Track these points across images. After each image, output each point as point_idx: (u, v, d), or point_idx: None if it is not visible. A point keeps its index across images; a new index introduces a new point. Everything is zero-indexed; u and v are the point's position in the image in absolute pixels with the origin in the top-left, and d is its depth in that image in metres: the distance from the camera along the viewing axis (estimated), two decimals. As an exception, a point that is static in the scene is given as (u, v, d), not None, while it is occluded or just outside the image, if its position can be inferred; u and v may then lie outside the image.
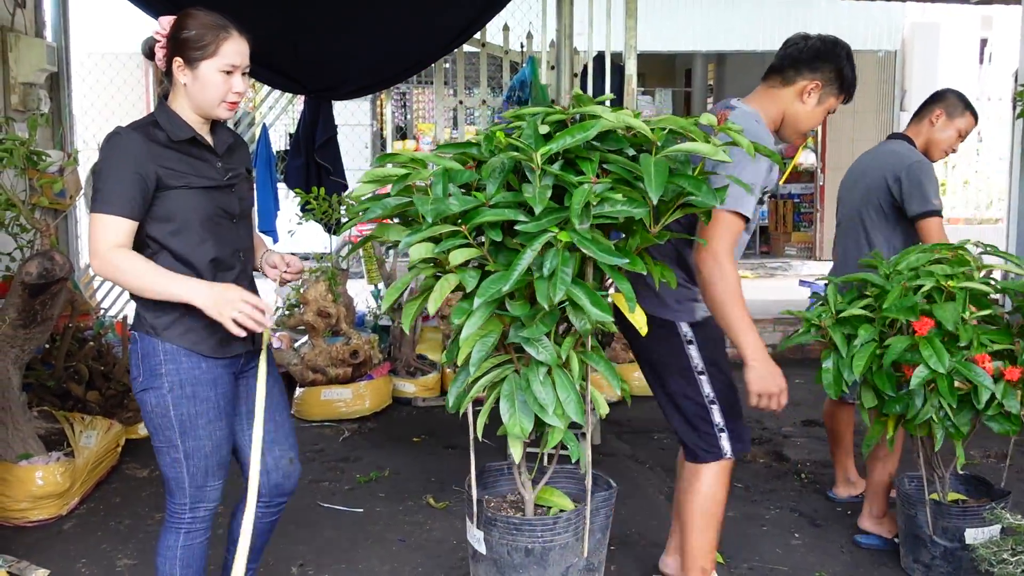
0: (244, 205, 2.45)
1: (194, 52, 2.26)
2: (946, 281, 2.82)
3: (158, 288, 2.22)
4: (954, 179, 11.72)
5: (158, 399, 2.32)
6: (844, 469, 3.97)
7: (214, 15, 2.30)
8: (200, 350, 2.33)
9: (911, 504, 3.19)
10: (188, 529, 2.42)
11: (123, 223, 2.22)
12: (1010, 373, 2.72)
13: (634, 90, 5.64)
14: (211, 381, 2.35)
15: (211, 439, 2.37)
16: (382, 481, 4.13)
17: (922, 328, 2.73)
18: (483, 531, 2.45)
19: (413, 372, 5.52)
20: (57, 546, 3.46)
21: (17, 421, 3.80)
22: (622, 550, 3.39)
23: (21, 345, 3.85)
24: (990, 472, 3.91)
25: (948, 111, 3.64)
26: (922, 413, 2.78)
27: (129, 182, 2.21)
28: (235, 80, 2.31)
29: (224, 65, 2.28)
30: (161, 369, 2.31)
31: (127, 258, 2.22)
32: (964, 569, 3.04)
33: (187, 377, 2.32)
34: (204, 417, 2.35)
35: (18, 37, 5.14)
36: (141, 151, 2.23)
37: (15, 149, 3.80)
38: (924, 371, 2.70)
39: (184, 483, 2.38)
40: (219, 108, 2.32)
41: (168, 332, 2.31)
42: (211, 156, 2.37)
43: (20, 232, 4.28)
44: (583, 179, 2.13)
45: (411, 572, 3.27)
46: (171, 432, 2.33)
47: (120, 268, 2.21)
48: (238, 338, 2.33)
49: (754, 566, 3.33)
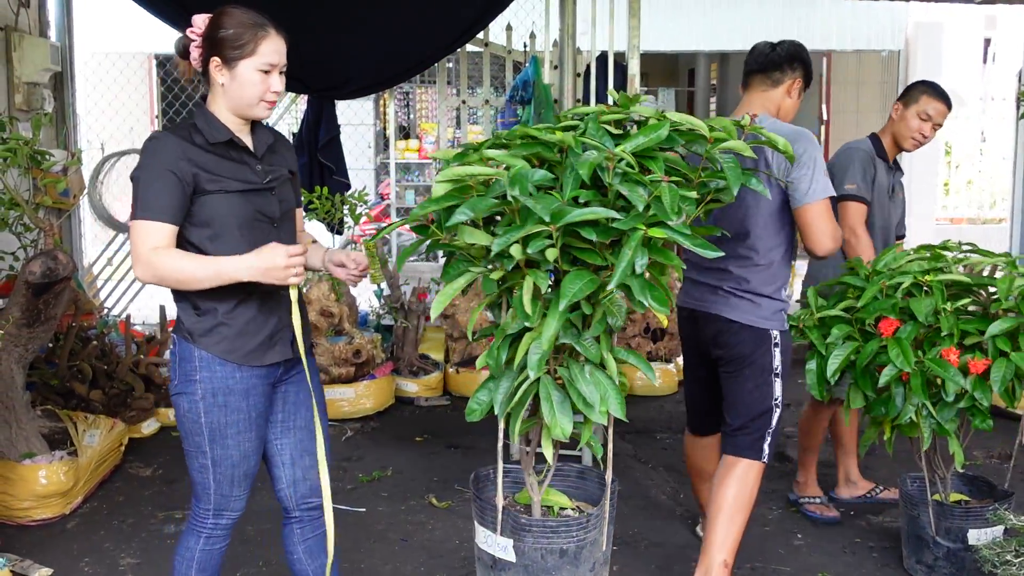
0: (284, 207, 2.39)
1: (232, 51, 2.23)
2: (923, 277, 2.87)
3: (202, 275, 2.18)
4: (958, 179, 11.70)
5: (190, 404, 2.30)
6: (845, 470, 3.97)
7: (251, 13, 2.27)
8: (233, 359, 2.29)
9: (914, 505, 3.19)
10: (209, 535, 2.41)
11: (163, 228, 2.19)
12: (974, 366, 2.76)
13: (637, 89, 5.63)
14: (244, 391, 2.32)
15: (239, 449, 2.34)
16: (384, 481, 4.13)
17: (888, 329, 2.80)
18: (512, 538, 2.39)
19: (416, 372, 5.52)
20: (60, 545, 3.47)
21: (20, 420, 3.81)
22: (624, 550, 3.39)
23: (25, 344, 3.86)
24: (993, 473, 3.91)
25: (905, 100, 3.72)
26: (903, 412, 2.83)
27: (167, 187, 2.18)
28: (273, 79, 2.27)
29: (262, 64, 2.24)
30: (196, 375, 2.29)
31: (168, 257, 2.19)
32: (967, 570, 3.04)
33: (220, 386, 2.29)
34: (234, 427, 2.32)
35: (22, 36, 5.15)
36: (178, 154, 2.20)
37: (19, 148, 3.81)
38: (892, 370, 2.77)
39: (210, 489, 2.36)
40: (257, 108, 2.29)
41: (203, 339, 2.28)
42: (250, 158, 2.33)
43: (24, 231, 4.29)
44: (654, 177, 2.15)
45: (413, 572, 3.27)
46: (200, 438, 2.32)
47: (163, 267, 2.18)
48: (274, 347, 2.34)
49: (756, 567, 3.33)
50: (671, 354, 5.79)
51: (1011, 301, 2.86)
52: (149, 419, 4.75)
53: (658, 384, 5.57)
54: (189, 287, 2.22)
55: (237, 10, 2.26)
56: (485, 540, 2.43)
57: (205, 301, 2.27)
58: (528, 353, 2.15)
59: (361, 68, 5.53)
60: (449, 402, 5.44)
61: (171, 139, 2.23)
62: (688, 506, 3.87)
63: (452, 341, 5.72)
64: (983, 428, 2.87)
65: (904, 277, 2.94)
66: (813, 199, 2.79)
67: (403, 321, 5.55)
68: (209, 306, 2.28)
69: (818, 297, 3.08)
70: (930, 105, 3.64)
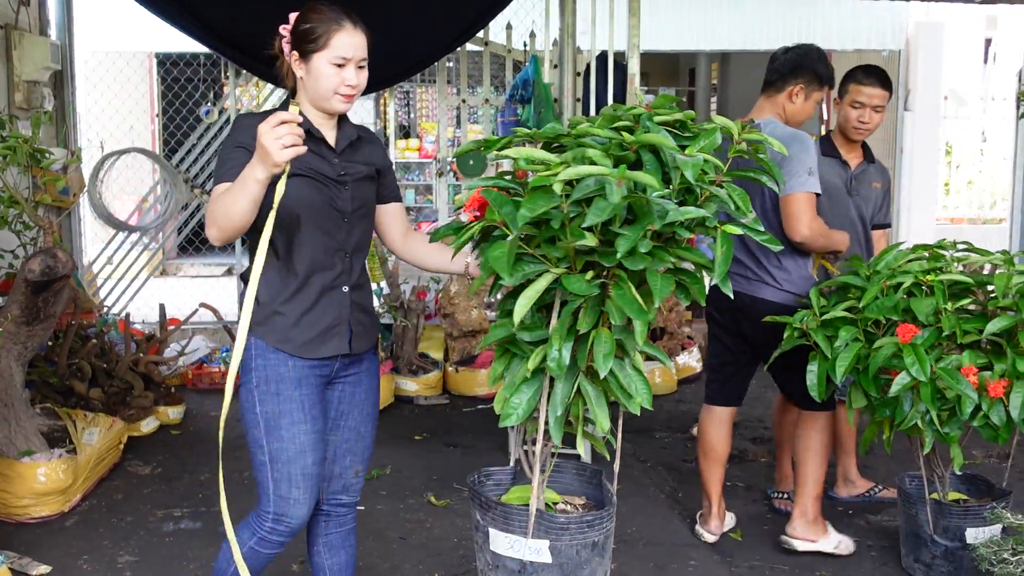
0: (359, 203, 2.37)
1: (308, 45, 2.25)
2: (924, 276, 2.86)
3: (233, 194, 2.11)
4: (958, 179, 11.69)
5: (246, 394, 2.31)
6: (844, 469, 3.97)
7: (334, 9, 2.28)
8: (285, 348, 2.30)
9: (911, 503, 3.19)
10: (263, 537, 2.36)
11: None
12: (993, 389, 2.73)
13: (637, 89, 5.63)
14: (296, 380, 2.31)
15: (294, 442, 2.30)
16: (383, 479, 4.14)
17: (906, 335, 2.77)
18: (549, 538, 2.34)
19: (415, 371, 5.52)
20: (59, 543, 3.47)
21: (20, 418, 3.81)
22: (623, 548, 3.39)
23: (24, 342, 3.86)
24: (992, 472, 3.90)
25: (840, 93, 3.80)
26: (909, 418, 2.81)
27: (240, 160, 2.17)
28: (347, 72, 2.26)
29: (335, 58, 2.24)
30: (251, 364, 2.31)
31: (213, 201, 2.18)
32: (965, 568, 3.04)
33: (272, 374, 2.29)
34: (287, 417, 2.30)
35: (22, 35, 5.15)
36: (255, 134, 2.14)
37: (18, 146, 3.81)
38: (906, 378, 2.74)
39: (268, 489, 2.32)
40: (332, 100, 2.28)
41: (259, 328, 2.30)
42: (328, 152, 2.33)
43: (24, 229, 4.29)
44: (709, 177, 2.19)
45: (411, 569, 3.27)
46: (257, 431, 2.31)
47: (212, 211, 2.16)
48: (330, 341, 2.32)
49: (755, 565, 3.33)
50: (670, 353, 5.79)
51: (1009, 299, 2.85)
52: (148, 417, 4.75)
53: (659, 383, 5.58)
54: (234, 217, 2.12)
55: (323, 5, 2.28)
56: (511, 546, 2.34)
57: (264, 292, 2.29)
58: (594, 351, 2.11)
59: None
60: (448, 401, 5.44)
61: (253, 119, 2.22)
62: (687, 505, 3.87)
63: (452, 340, 5.72)
64: (992, 439, 2.85)
65: (905, 277, 2.93)
66: (791, 191, 3.19)
67: (402, 320, 5.55)
68: (268, 296, 2.29)
69: (820, 297, 3.07)
70: (859, 93, 3.66)
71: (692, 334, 6.27)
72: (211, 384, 5.56)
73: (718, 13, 10.07)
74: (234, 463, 4.31)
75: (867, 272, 3.04)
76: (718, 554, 3.41)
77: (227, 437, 2.31)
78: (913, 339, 2.76)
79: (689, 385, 5.82)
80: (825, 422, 3.40)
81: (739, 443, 4.68)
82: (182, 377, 5.62)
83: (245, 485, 4.05)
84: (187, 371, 5.63)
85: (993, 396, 2.74)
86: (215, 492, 3.95)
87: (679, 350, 5.94)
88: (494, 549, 2.36)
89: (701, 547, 3.46)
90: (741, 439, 4.75)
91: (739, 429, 4.92)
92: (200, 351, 5.84)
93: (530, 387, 2.22)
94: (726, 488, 4.05)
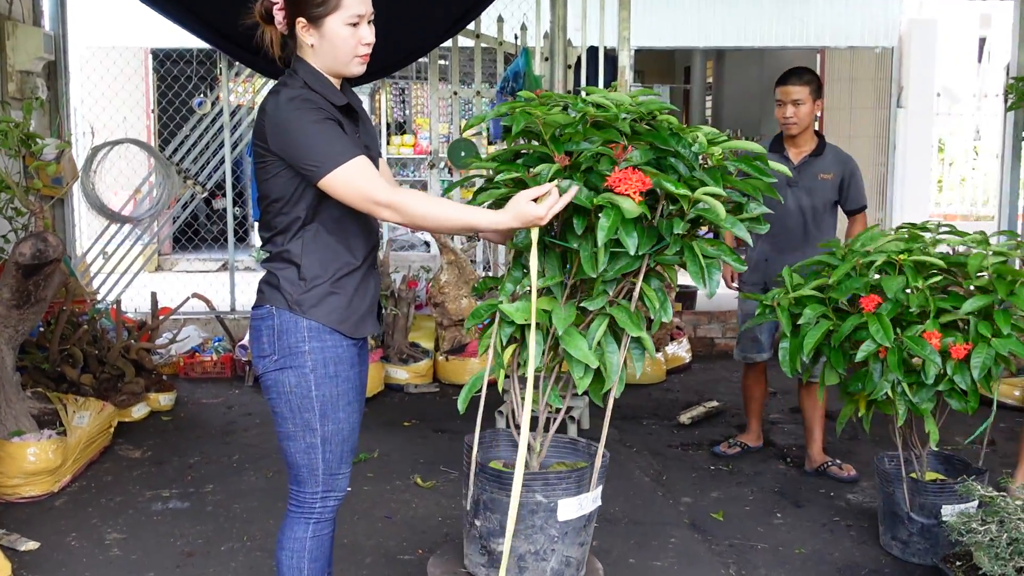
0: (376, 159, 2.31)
1: (316, 8, 2.12)
2: (897, 256, 2.91)
3: (456, 217, 2.15)
4: (951, 177, 11.74)
5: (299, 379, 2.19)
6: (807, 443, 4.19)
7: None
8: (343, 329, 2.21)
9: (889, 482, 3.23)
10: (318, 519, 2.31)
11: (365, 161, 2.10)
12: (956, 351, 2.78)
13: (627, 82, 5.67)
14: (351, 360, 2.25)
15: (349, 421, 2.27)
16: (371, 462, 4.17)
17: (869, 304, 2.83)
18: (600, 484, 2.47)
19: (405, 359, 5.56)
20: (48, 521, 3.51)
21: (10, 399, 3.85)
22: (606, 527, 3.43)
23: (15, 326, 3.90)
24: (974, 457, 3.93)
25: None
26: (879, 388, 2.86)
27: (336, 127, 2.10)
28: (363, 31, 2.15)
29: (350, 17, 2.12)
30: (304, 347, 2.18)
31: (413, 199, 2.12)
32: (940, 545, 3.08)
33: (331, 355, 2.20)
34: (344, 398, 2.25)
35: (15, 25, 5.19)
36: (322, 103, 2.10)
37: (9, 131, 3.86)
38: (871, 345, 2.80)
39: (318, 470, 2.26)
40: (352, 64, 2.17)
41: (315, 310, 2.18)
42: (355, 125, 2.24)
43: (16, 216, 4.34)
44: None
45: (396, 546, 3.31)
46: (310, 415, 2.21)
47: (415, 210, 2.10)
48: (373, 318, 2.29)
49: (734, 543, 3.37)
50: (659, 343, 5.83)
51: (984, 278, 2.89)
52: (139, 404, 4.79)
53: (648, 371, 5.62)
54: (440, 225, 2.19)
55: None
56: (580, 506, 2.40)
57: (311, 269, 2.19)
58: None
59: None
60: (438, 389, 5.48)
61: (304, 91, 2.12)
62: (670, 487, 3.92)
63: (442, 329, 5.76)
64: (962, 411, 2.90)
65: (878, 256, 2.98)
66: None
67: (393, 309, 5.59)
68: (315, 273, 2.19)
69: (793, 276, 3.12)
70: (778, 92, 4.01)
71: (681, 325, 6.31)
72: (203, 373, 5.60)
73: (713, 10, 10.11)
74: (223, 448, 4.37)
75: (842, 252, 3.09)
76: (698, 532, 3.45)
77: (214, 423, 2.32)
78: (877, 308, 2.82)
79: (678, 375, 5.87)
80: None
81: (725, 430, 4.73)
82: (174, 366, 5.65)
83: (234, 467, 4.09)
84: (179, 360, 5.67)
85: (956, 359, 2.79)
86: (204, 474, 4.01)
87: (668, 340, 5.98)
88: (560, 518, 2.39)
89: (682, 526, 3.50)
90: (727, 426, 4.79)
91: (726, 416, 4.96)
92: (192, 340, 5.88)
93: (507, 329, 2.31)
94: (711, 472, 4.12)
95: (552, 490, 2.38)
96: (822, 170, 4.00)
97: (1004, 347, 2.80)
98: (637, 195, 2.10)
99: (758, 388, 4.33)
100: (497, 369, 2.36)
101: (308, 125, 2.08)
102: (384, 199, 2.08)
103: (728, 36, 10.24)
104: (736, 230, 2.23)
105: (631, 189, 2.09)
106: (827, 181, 3.99)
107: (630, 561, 3.20)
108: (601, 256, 2.18)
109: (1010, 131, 6.14)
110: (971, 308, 2.85)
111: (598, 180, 2.19)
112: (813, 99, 3.94)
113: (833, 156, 4.03)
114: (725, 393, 5.39)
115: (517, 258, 2.38)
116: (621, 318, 2.19)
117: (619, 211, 2.10)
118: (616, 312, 2.22)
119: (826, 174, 3.99)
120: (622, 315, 2.20)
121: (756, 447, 4.38)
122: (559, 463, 2.62)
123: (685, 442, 4.54)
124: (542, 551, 2.39)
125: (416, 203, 2.11)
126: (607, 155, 2.22)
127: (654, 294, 2.26)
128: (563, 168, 2.24)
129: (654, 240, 2.20)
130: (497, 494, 2.39)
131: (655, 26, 9.67)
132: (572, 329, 2.22)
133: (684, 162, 2.23)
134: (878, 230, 3.22)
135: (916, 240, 3.10)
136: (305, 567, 2.31)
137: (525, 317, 2.23)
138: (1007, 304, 2.86)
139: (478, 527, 2.45)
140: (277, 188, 2.18)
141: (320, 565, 2.33)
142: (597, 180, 2.19)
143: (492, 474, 2.42)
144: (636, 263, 2.23)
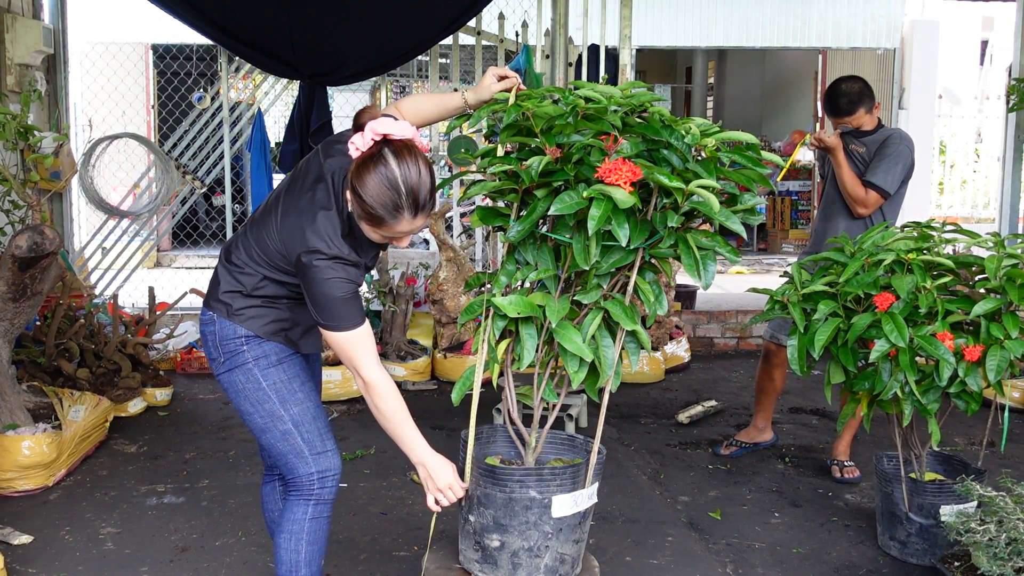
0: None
1: (360, 211, 2.22)
2: (906, 255, 2.88)
3: (404, 435, 2.30)
4: (952, 179, 11.73)
5: (246, 375, 2.31)
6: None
7: (393, 190, 2.14)
8: (277, 340, 2.34)
9: (888, 482, 3.21)
10: (317, 500, 2.36)
11: (368, 331, 2.26)
12: (970, 353, 2.75)
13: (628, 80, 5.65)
14: (291, 355, 2.37)
15: (310, 400, 2.36)
16: (368, 459, 4.16)
17: (883, 303, 2.80)
18: (596, 481, 2.46)
19: (403, 356, 5.54)
20: (42, 515, 3.49)
21: (5, 393, 3.84)
22: (603, 525, 3.41)
23: (11, 319, 3.88)
24: (974, 459, 3.92)
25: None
26: (888, 388, 2.82)
27: (357, 298, 2.25)
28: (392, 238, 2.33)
29: (384, 236, 2.27)
30: (243, 347, 2.31)
31: (386, 395, 2.25)
32: (939, 545, 3.06)
33: (269, 349, 2.32)
34: (297, 380, 2.35)
35: (15, 18, 5.18)
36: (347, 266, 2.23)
37: (7, 123, 3.84)
38: (884, 344, 2.76)
39: (304, 452, 2.33)
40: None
41: (250, 322, 2.31)
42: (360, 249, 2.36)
43: (12, 209, 4.32)
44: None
45: (391, 543, 3.30)
46: (271, 404, 2.31)
47: (380, 402, 2.25)
48: (311, 342, 2.42)
49: (732, 542, 3.35)
50: (658, 342, 5.81)
51: (997, 281, 2.85)
52: (135, 398, 4.77)
53: (646, 371, 5.61)
54: (382, 425, 2.31)
55: (383, 183, 2.11)
56: (575, 502, 2.39)
57: (259, 290, 2.31)
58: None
59: (353, 55, 5.55)
60: (436, 387, 5.47)
61: (334, 251, 2.21)
62: (667, 486, 3.90)
63: (440, 326, 5.75)
64: (968, 412, 2.87)
65: (887, 254, 2.94)
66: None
67: (391, 306, 5.57)
68: (260, 295, 2.32)
69: (802, 271, 3.08)
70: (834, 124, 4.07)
71: (680, 324, 6.30)
72: (200, 369, 5.58)
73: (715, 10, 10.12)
74: (219, 443, 4.35)
75: (852, 250, 3.05)
76: (696, 531, 3.43)
77: (211, 419, 2.35)
78: (891, 307, 2.78)
79: (677, 374, 5.85)
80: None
81: (724, 429, 4.71)
82: (171, 361, 5.64)
83: (230, 463, 4.08)
84: (176, 355, 5.65)
85: (970, 360, 2.75)
86: (200, 469, 3.99)
87: (667, 339, 5.96)
88: (555, 515, 2.37)
89: (679, 525, 3.49)
90: (726, 426, 4.78)
91: (725, 416, 4.95)
92: (189, 336, 5.86)
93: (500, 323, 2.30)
94: (709, 471, 4.10)
95: (546, 486, 2.36)
96: (857, 143, 3.97)
97: (1017, 350, 2.76)
98: (628, 185, 2.08)
99: (780, 375, 4.22)
100: (492, 364, 2.34)
101: (340, 289, 2.20)
102: (365, 374, 2.23)
103: (730, 36, 10.25)
104: (730, 223, 2.20)
105: (621, 179, 2.08)
106: (858, 153, 3.96)
107: (626, 559, 3.19)
108: (593, 247, 2.16)
109: (1011, 133, 6.11)
110: (982, 311, 2.81)
111: (589, 172, 2.17)
112: (867, 111, 3.93)
113: (880, 134, 3.98)
114: (724, 393, 5.37)
115: (511, 252, 2.37)
116: (615, 311, 2.18)
117: (610, 201, 2.08)
118: (610, 306, 2.20)
119: (860, 147, 3.96)
120: (616, 308, 2.18)
121: (770, 441, 4.35)
122: (556, 460, 2.60)
123: (683, 441, 4.52)
124: (536, 547, 2.38)
125: (385, 399, 2.24)
126: (598, 147, 2.21)
127: (648, 287, 2.25)
128: (554, 160, 2.22)
129: (647, 234, 2.19)
130: (491, 490, 2.37)
131: (657, 25, 9.69)
132: (566, 323, 2.21)
133: (677, 154, 2.21)
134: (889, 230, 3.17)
135: (925, 239, 3.05)
136: (303, 549, 2.35)
137: (518, 311, 2.21)
138: (1015, 307, 2.83)
139: (472, 523, 2.44)
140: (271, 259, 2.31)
141: (317, 548, 2.37)
142: (588, 172, 2.18)
143: (486, 469, 2.40)
144: (630, 257, 2.22)
